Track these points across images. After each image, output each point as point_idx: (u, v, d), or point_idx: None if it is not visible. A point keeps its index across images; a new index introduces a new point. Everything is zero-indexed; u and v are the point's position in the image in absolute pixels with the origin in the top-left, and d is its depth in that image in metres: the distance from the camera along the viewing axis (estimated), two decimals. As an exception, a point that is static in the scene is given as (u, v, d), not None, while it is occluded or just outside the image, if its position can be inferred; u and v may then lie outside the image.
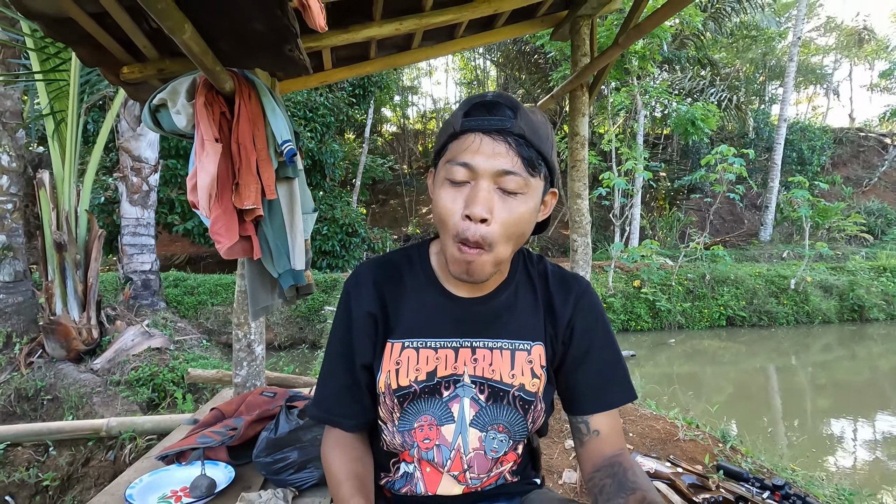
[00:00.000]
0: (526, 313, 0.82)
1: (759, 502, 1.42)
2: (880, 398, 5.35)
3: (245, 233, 1.41)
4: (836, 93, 23.75)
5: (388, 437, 0.83)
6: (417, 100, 21.11)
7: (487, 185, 0.69)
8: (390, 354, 0.80)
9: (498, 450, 0.81)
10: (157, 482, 1.20)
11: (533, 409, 0.81)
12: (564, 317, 0.82)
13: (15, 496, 2.07)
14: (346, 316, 0.82)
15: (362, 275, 0.84)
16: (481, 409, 0.80)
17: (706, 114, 8.97)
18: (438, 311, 0.81)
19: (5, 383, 4.17)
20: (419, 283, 0.83)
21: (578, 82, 2.28)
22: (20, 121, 4.75)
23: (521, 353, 0.80)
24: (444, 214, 0.71)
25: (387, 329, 0.81)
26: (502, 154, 0.68)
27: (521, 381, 0.80)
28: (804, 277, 8.82)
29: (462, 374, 0.79)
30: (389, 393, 0.80)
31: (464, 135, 0.70)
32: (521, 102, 0.73)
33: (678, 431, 1.96)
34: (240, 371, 1.85)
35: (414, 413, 0.80)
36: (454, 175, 0.70)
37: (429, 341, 0.80)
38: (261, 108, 1.36)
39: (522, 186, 0.70)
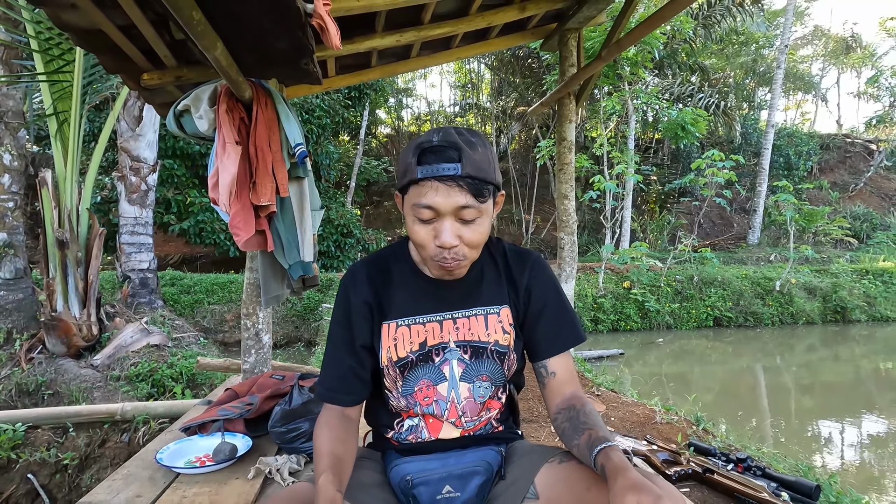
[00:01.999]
0: (492, 284, 1.01)
1: (724, 473, 1.57)
2: (860, 397, 5.54)
3: (260, 227, 1.54)
4: (824, 99, 24.21)
5: (394, 402, 1.00)
6: (412, 102, 21.26)
7: (450, 219, 0.86)
8: (388, 333, 0.97)
9: (484, 395, 1.00)
10: (182, 449, 1.33)
11: (507, 359, 1.00)
12: (522, 283, 1.02)
13: (37, 474, 2.19)
14: (345, 306, 0.99)
15: (357, 271, 1.02)
16: (467, 366, 0.98)
17: (696, 118, 9.19)
18: (423, 294, 0.99)
19: (6, 378, 4.23)
20: (405, 274, 1.01)
21: (566, 91, 2.43)
22: (22, 120, 4.82)
23: (492, 315, 1.00)
24: (421, 243, 0.89)
25: (381, 313, 0.98)
26: (456, 194, 0.84)
27: (495, 338, 0.99)
28: (789, 279, 9.05)
29: (448, 341, 0.98)
30: (391, 365, 0.96)
31: (422, 182, 0.85)
32: (460, 136, 0.87)
33: (656, 416, 2.11)
34: (248, 358, 1.98)
35: (413, 379, 0.97)
36: (422, 215, 0.86)
37: (417, 318, 0.98)
38: (276, 114, 1.49)
39: (477, 213, 0.87)
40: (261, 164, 1.45)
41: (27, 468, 2.16)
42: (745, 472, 1.57)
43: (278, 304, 1.71)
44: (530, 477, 0.91)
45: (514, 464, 0.99)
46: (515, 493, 0.92)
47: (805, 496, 1.46)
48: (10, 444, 2.15)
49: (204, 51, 1.11)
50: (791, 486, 1.50)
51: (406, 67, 2.46)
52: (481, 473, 0.97)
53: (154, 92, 1.99)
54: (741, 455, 1.62)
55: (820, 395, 5.61)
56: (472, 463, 0.98)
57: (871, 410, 4.89)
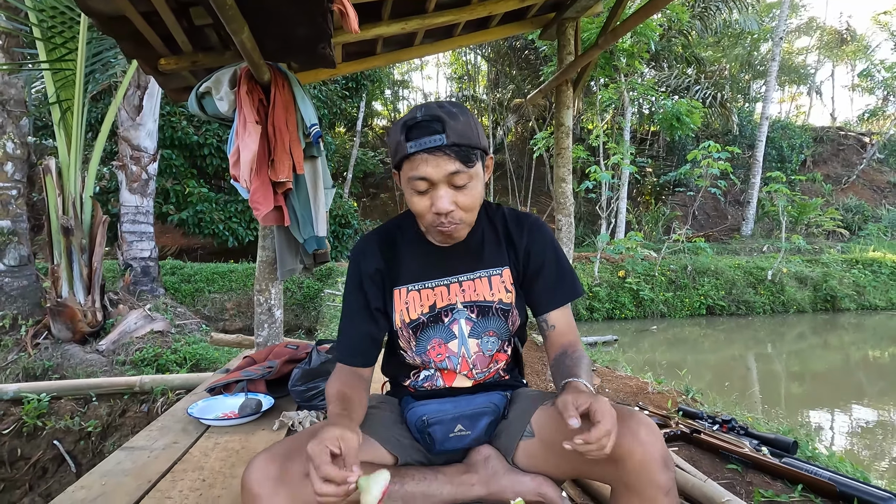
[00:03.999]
0: (492, 248, 1.10)
1: (710, 433, 1.69)
2: (849, 384, 5.70)
3: (277, 203, 1.63)
4: (819, 92, 24.37)
5: (409, 360, 1.11)
6: (408, 94, 21.24)
7: (443, 186, 0.93)
8: (400, 298, 1.07)
9: (492, 349, 1.11)
10: (210, 406, 1.44)
11: (510, 315, 1.10)
12: (521, 245, 1.10)
13: (62, 441, 2.29)
14: (357, 274, 1.08)
15: (366, 243, 1.11)
16: (474, 324, 1.09)
17: (691, 110, 9.29)
18: (429, 261, 1.08)
19: (13, 363, 4.30)
20: (411, 243, 1.09)
21: (563, 78, 2.53)
22: (24, 109, 4.85)
23: (495, 276, 1.09)
24: (420, 213, 0.97)
25: (392, 280, 1.08)
26: (445, 162, 0.92)
27: (499, 297, 1.09)
28: (781, 269, 9.22)
29: (456, 303, 1.08)
30: (405, 326, 1.07)
31: (412, 156, 0.93)
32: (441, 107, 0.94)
33: (648, 387, 2.23)
34: (261, 332, 2.07)
35: (426, 339, 1.08)
36: (417, 187, 0.94)
37: (426, 283, 1.08)
38: (292, 96, 1.58)
39: (468, 178, 0.94)
40: (279, 143, 1.55)
41: (53, 435, 2.27)
42: (729, 432, 1.69)
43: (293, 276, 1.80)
44: (527, 418, 1.03)
45: (515, 406, 1.10)
46: (514, 432, 1.04)
47: (783, 451, 1.58)
48: (36, 412, 2.26)
49: (232, 34, 1.20)
50: (771, 442, 1.62)
51: (410, 55, 2.55)
52: (489, 414, 1.08)
53: (169, 77, 2.07)
54: (726, 417, 1.74)
55: (809, 383, 5.77)
56: (482, 405, 1.08)
57: (860, 398, 5.04)
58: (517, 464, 1.05)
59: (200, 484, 1.05)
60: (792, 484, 1.46)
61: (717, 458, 1.65)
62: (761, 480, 1.51)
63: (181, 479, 1.07)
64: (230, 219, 9.22)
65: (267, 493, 0.84)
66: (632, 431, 0.83)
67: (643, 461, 0.81)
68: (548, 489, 1.02)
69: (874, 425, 4.26)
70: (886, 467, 3.22)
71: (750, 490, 1.45)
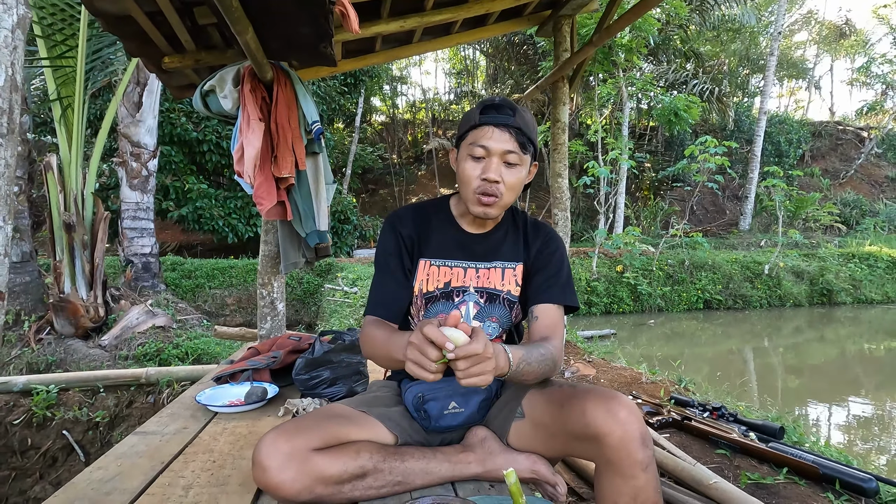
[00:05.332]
0: (511, 244, 1.21)
1: (700, 420, 1.74)
2: (845, 377, 5.77)
3: (280, 198, 1.68)
4: (818, 87, 24.38)
5: (413, 327, 1.17)
6: (407, 90, 21.21)
7: (497, 160, 1.06)
8: (423, 269, 1.17)
9: (492, 334, 1.20)
10: (217, 394, 1.49)
11: (515, 307, 1.20)
12: (534, 248, 1.21)
13: (71, 431, 2.35)
14: (393, 236, 1.17)
15: (403, 214, 1.21)
16: (481, 308, 1.18)
17: (689, 104, 9.32)
18: (455, 242, 1.19)
19: (17, 358, 4.35)
20: (443, 223, 1.20)
21: (560, 75, 2.57)
22: (25, 106, 4.88)
23: (508, 270, 1.19)
24: (469, 178, 1.08)
25: (419, 250, 1.18)
26: (506, 140, 1.05)
27: (508, 288, 1.19)
28: (777, 263, 9.28)
29: (469, 286, 1.18)
30: (420, 296, 1.17)
31: (481, 126, 1.06)
32: (516, 104, 1.10)
33: (642, 377, 2.29)
34: (264, 325, 2.13)
35: (434, 311, 1.18)
36: (475, 153, 1.07)
37: (447, 261, 1.18)
38: (294, 94, 1.62)
39: (518, 160, 1.07)
40: (281, 139, 1.59)
41: (62, 425, 2.33)
42: (718, 419, 1.75)
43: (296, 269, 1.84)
44: (518, 399, 1.11)
45: (507, 387, 1.19)
46: (507, 414, 1.12)
47: (770, 436, 1.64)
48: (45, 403, 2.32)
49: (237, 35, 1.24)
50: (758, 428, 1.68)
51: (408, 52, 2.59)
52: (481, 392, 1.15)
53: (172, 75, 2.11)
54: (716, 404, 1.80)
55: (804, 376, 5.84)
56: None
57: (854, 391, 5.10)
58: (511, 445, 1.11)
59: (211, 465, 1.11)
60: (778, 467, 1.52)
61: (706, 443, 1.70)
62: (748, 464, 1.56)
63: (193, 460, 1.13)
64: (230, 215, 9.25)
65: (276, 466, 0.90)
66: (611, 412, 0.89)
67: (623, 439, 0.87)
68: (541, 467, 1.08)
69: (868, 418, 4.32)
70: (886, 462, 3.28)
71: (737, 473, 1.51)
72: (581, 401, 0.95)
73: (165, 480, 1.03)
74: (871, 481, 1.37)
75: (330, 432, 0.98)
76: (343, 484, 0.96)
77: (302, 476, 0.91)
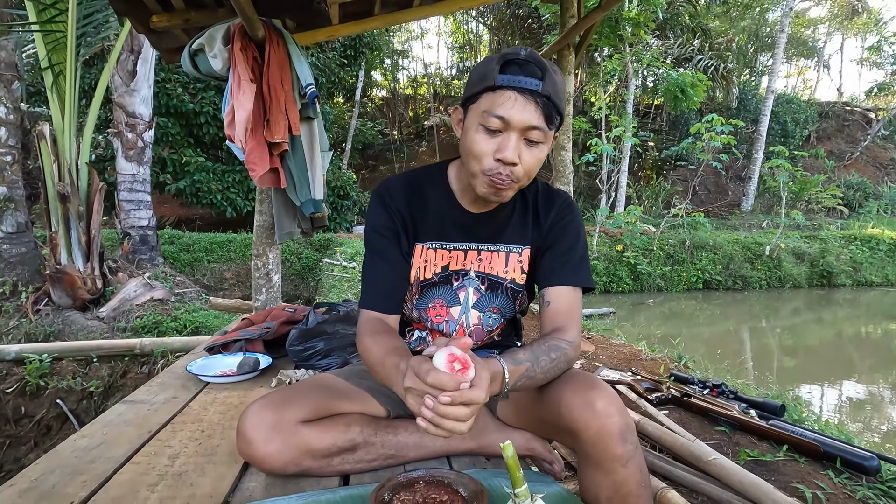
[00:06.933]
0: (519, 225, 1.06)
1: (700, 397, 1.72)
2: (840, 357, 5.79)
3: (273, 165, 1.62)
4: (827, 66, 23.92)
5: (407, 312, 1.12)
6: (408, 64, 20.81)
7: (516, 135, 0.86)
8: (420, 255, 1.05)
9: (492, 325, 1.10)
10: (208, 364, 1.46)
11: (519, 297, 1.09)
12: (546, 225, 1.04)
13: (65, 400, 2.35)
14: (385, 212, 1.01)
15: (394, 185, 1.03)
16: (481, 296, 1.07)
17: (695, 82, 9.13)
18: (454, 222, 1.04)
19: (15, 329, 4.34)
20: (440, 200, 1.04)
21: (565, 42, 2.47)
22: (15, 72, 4.76)
23: (514, 255, 1.06)
24: (479, 155, 0.88)
25: (415, 234, 1.03)
26: (531, 112, 0.85)
27: (512, 276, 1.07)
28: (779, 244, 9.23)
29: (469, 270, 1.06)
30: (416, 283, 1.06)
31: (500, 90, 0.85)
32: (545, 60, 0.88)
33: (642, 354, 2.27)
34: (259, 297, 2.09)
35: (429, 296, 1.08)
36: (490, 124, 0.86)
37: (444, 244, 1.05)
38: (287, 54, 1.55)
39: (542, 137, 0.88)
40: (274, 102, 1.52)
41: (56, 395, 2.32)
42: (719, 396, 1.73)
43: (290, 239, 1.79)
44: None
45: None
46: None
47: (771, 414, 1.61)
48: (38, 372, 2.30)
49: (224, -15, 1.17)
50: (759, 405, 1.66)
51: (408, 16, 2.48)
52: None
53: (161, 36, 2.03)
54: (716, 381, 1.77)
55: (802, 356, 5.85)
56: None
57: (851, 372, 5.12)
58: (502, 421, 1.08)
59: (199, 434, 1.08)
60: (778, 445, 1.50)
61: (706, 420, 1.68)
62: (748, 441, 1.54)
63: (181, 429, 1.10)
64: (228, 189, 9.17)
65: (261, 439, 0.86)
66: (588, 403, 0.80)
67: (599, 434, 0.79)
68: (536, 444, 1.05)
69: (864, 398, 4.34)
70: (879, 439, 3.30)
71: (737, 450, 1.49)
72: (558, 389, 0.86)
73: (152, 449, 1.00)
74: (872, 459, 1.35)
75: (319, 404, 0.94)
76: (332, 457, 0.92)
77: (289, 449, 0.87)
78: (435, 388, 0.68)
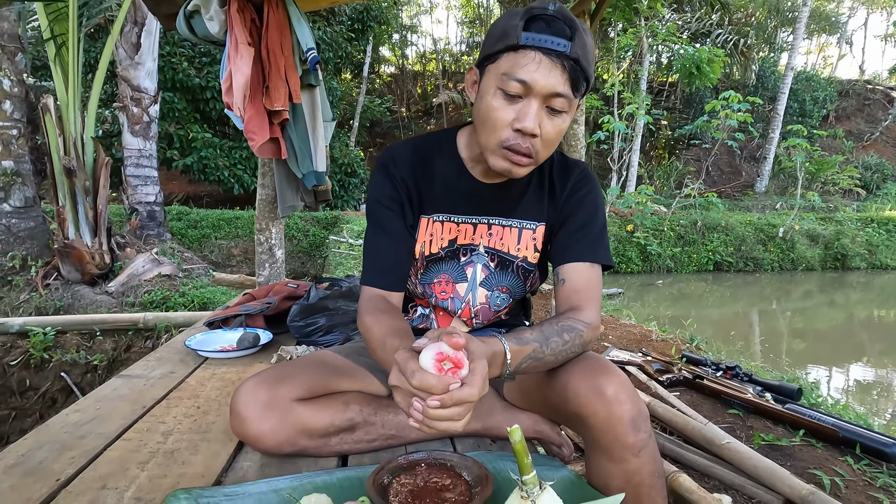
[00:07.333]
0: (533, 198, 0.97)
1: (713, 379, 1.67)
2: (852, 341, 5.70)
3: (273, 134, 1.56)
4: (849, 42, 23.11)
5: (411, 287, 1.05)
6: (417, 39, 20.41)
7: (538, 102, 0.77)
8: (425, 228, 0.97)
9: (500, 305, 1.03)
10: (208, 339, 1.43)
11: (531, 276, 1.02)
12: (561, 198, 0.96)
13: (69, 373, 2.36)
14: (388, 181, 0.93)
15: (399, 152, 0.95)
16: (490, 274, 1.00)
17: (712, 57, 8.84)
18: (464, 194, 0.96)
19: (26, 302, 4.38)
20: (449, 169, 0.96)
21: (581, 9, 2.36)
22: (18, 44, 4.70)
23: (527, 231, 0.98)
24: (495, 123, 0.79)
25: (420, 206, 0.96)
26: (557, 77, 0.75)
27: (524, 255, 0.99)
28: (793, 226, 9.06)
29: (478, 245, 0.99)
30: (422, 258, 0.99)
31: (523, 50, 0.75)
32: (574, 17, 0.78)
33: (652, 334, 2.22)
34: (262, 272, 2.05)
35: (435, 271, 1.01)
36: (509, 88, 0.77)
37: (452, 216, 0.97)
38: (287, 16, 1.47)
39: (566, 106, 0.79)
40: (273, 68, 1.45)
41: (60, 368, 2.33)
42: (732, 379, 1.68)
43: (296, 215, 1.75)
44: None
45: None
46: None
47: (788, 397, 1.56)
48: (42, 345, 2.31)
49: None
50: (775, 389, 1.60)
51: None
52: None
53: (159, 2, 1.95)
54: (730, 364, 1.72)
55: (815, 340, 5.77)
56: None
57: (862, 356, 5.04)
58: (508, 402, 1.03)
59: (195, 410, 1.05)
60: (794, 429, 1.45)
61: (718, 403, 1.64)
62: (762, 425, 1.50)
63: (176, 405, 1.07)
64: (235, 165, 9.13)
65: (255, 417, 0.82)
66: (596, 388, 0.74)
67: (608, 421, 0.73)
68: (544, 427, 1.01)
69: (882, 383, 4.27)
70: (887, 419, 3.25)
71: (750, 434, 1.45)
72: (565, 372, 0.80)
73: (145, 425, 0.97)
74: (893, 446, 1.30)
75: (316, 381, 0.90)
76: (330, 437, 0.88)
77: (284, 427, 0.83)
78: (421, 391, 0.62)
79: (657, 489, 0.76)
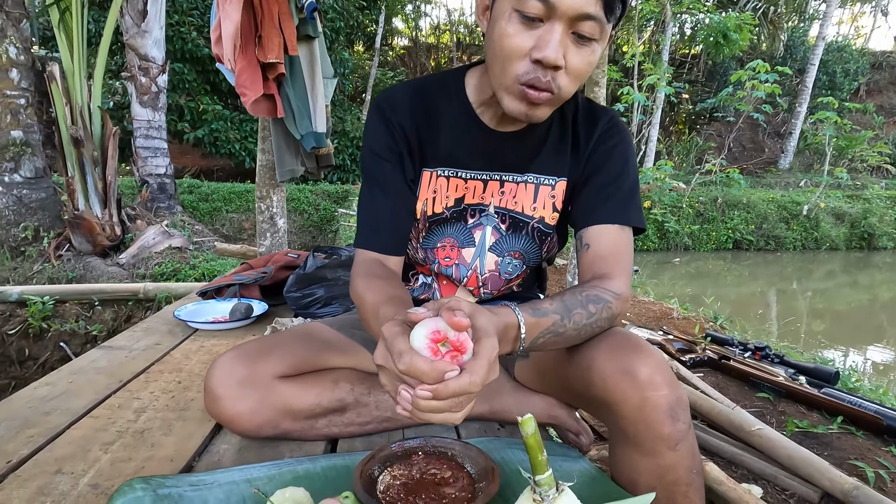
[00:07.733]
0: (553, 150, 0.83)
1: (740, 359, 1.56)
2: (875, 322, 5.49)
3: (268, 90, 1.44)
4: (885, 12, 21.89)
5: (411, 252, 0.91)
6: (431, 10, 19.88)
7: (562, 27, 0.63)
8: (428, 183, 0.84)
9: (511, 273, 0.90)
10: (200, 310, 1.36)
11: (548, 240, 0.88)
12: (586, 151, 0.82)
13: (68, 343, 2.33)
14: (385, 128, 0.80)
15: (397, 95, 0.82)
16: (501, 237, 0.87)
17: (740, 25, 8.40)
18: (473, 145, 0.82)
19: (39, 273, 4.40)
20: (456, 116, 0.82)
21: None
22: (23, 10, 4.60)
23: (544, 187, 0.84)
24: (510, 53, 0.66)
25: (422, 158, 0.83)
26: None
27: (541, 215, 0.85)
28: (818, 204, 8.74)
29: (488, 205, 0.85)
30: (423, 218, 0.86)
31: None
32: None
33: (673, 312, 2.10)
34: (263, 242, 1.97)
35: (438, 234, 0.87)
36: (528, 9, 0.63)
37: (460, 171, 0.84)
38: (280, -44, 1.34)
39: (597, 32, 0.65)
40: (266, 15, 1.32)
41: (59, 337, 2.30)
42: (762, 360, 1.56)
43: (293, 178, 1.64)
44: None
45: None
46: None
47: (824, 381, 1.44)
48: (41, 315, 2.28)
49: None
50: (809, 372, 1.48)
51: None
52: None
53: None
54: (760, 344, 1.60)
55: (842, 321, 5.56)
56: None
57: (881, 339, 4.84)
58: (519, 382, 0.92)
59: (175, 386, 0.96)
60: (831, 416, 1.33)
61: (746, 385, 1.52)
62: (795, 410, 1.38)
63: (155, 380, 0.99)
64: (246, 138, 9.06)
65: (231, 396, 0.73)
66: (627, 370, 0.62)
67: (641, 409, 0.61)
68: (560, 411, 0.90)
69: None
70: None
71: (782, 420, 1.33)
72: (589, 350, 0.67)
73: (117, 402, 0.89)
74: (944, 437, 1.18)
75: (302, 356, 0.80)
76: (317, 418, 0.79)
77: (264, 408, 0.74)
78: (409, 376, 0.50)
79: (695, 488, 0.64)
